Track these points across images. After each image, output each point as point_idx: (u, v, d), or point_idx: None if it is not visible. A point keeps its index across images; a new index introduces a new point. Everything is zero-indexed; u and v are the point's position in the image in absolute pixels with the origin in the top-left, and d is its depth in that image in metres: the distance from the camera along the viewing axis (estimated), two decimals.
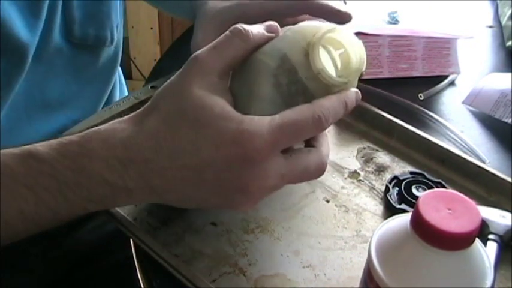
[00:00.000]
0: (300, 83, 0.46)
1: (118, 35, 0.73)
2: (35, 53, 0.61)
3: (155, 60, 1.90)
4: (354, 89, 0.49)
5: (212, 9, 0.62)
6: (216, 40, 0.47)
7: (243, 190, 0.45)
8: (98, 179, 0.45)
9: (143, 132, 0.46)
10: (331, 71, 0.48)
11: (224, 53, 0.47)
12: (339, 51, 0.49)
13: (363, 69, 0.49)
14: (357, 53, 0.49)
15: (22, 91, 0.63)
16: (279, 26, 0.49)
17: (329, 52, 0.49)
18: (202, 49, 0.47)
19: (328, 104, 0.46)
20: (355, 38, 0.49)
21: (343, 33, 0.49)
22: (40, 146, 0.46)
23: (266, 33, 0.48)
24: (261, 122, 0.44)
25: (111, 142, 0.46)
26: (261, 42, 0.48)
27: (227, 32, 0.47)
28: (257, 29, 0.48)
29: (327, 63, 0.48)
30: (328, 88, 0.47)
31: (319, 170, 0.48)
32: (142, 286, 0.52)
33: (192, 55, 0.47)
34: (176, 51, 0.87)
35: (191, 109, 0.45)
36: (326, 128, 0.46)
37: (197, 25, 0.63)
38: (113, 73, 0.76)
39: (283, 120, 0.44)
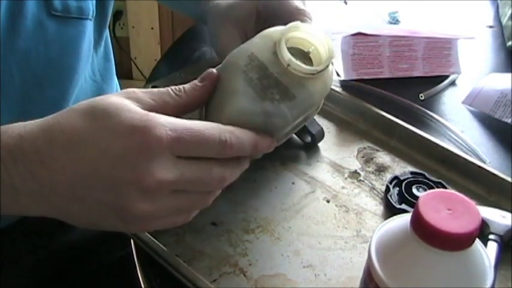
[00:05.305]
0: (272, 77, 0.47)
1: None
2: (12, 28, 0.61)
3: (156, 60, 1.90)
4: (270, 138, 0.48)
5: (224, 9, 0.62)
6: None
7: (138, 183, 0.42)
8: None
9: (41, 125, 0.44)
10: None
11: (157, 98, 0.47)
12: (310, 50, 0.51)
13: (333, 58, 0.50)
14: (325, 45, 0.50)
15: None
16: (213, 72, 0.49)
17: (301, 57, 0.50)
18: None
19: (240, 134, 0.46)
20: (320, 30, 0.51)
21: (308, 29, 0.51)
22: None
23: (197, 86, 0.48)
24: (167, 118, 0.43)
25: (9, 132, 0.44)
26: (192, 97, 0.48)
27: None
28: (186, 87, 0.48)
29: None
30: (301, 80, 0.48)
31: (220, 180, 0.46)
32: (142, 286, 0.53)
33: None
34: (176, 51, 0.87)
35: (99, 106, 0.44)
36: (228, 153, 0.45)
37: (214, 28, 0.63)
38: (90, 50, 0.75)
39: (190, 125, 0.44)
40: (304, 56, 0.51)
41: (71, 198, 0.43)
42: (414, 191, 0.57)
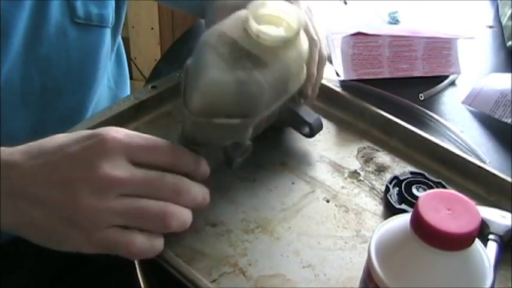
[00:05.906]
0: (244, 50, 0.49)
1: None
2: (35, 34, 0.61)
3: (156, 60, 1.89)
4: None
5: (224, 4, 0.62)
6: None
7: (90, 178, 0.46)
8: None
9: (23, 145, 0.49)
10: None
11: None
12: (283, 26, 0.51)
13: (303, 26, 0.51)
14: (294, 16, 0.51)
15: (19, 74, 0.62)
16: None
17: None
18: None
19: (185, 150, 0.51)
20: (287, 4, 0.51)
21: (276, 5, 0.51)
22: None
23: None
24: (124, 129, 0.49)
25: None
26: None
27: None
28: None
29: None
30: (273, 49, 0.49)
31: (174, 191, 0.48)
32: (142, 286, 0.53)
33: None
34: (176, 52, 0.87)
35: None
36: (179, 160, 0.49)
37: (209, 20, 0.63)
38: (108, 58, 0.76)
39: (144, 135, 0.49)
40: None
41: (34, 202, 0.46)
42: (414, 191, 0.57)
